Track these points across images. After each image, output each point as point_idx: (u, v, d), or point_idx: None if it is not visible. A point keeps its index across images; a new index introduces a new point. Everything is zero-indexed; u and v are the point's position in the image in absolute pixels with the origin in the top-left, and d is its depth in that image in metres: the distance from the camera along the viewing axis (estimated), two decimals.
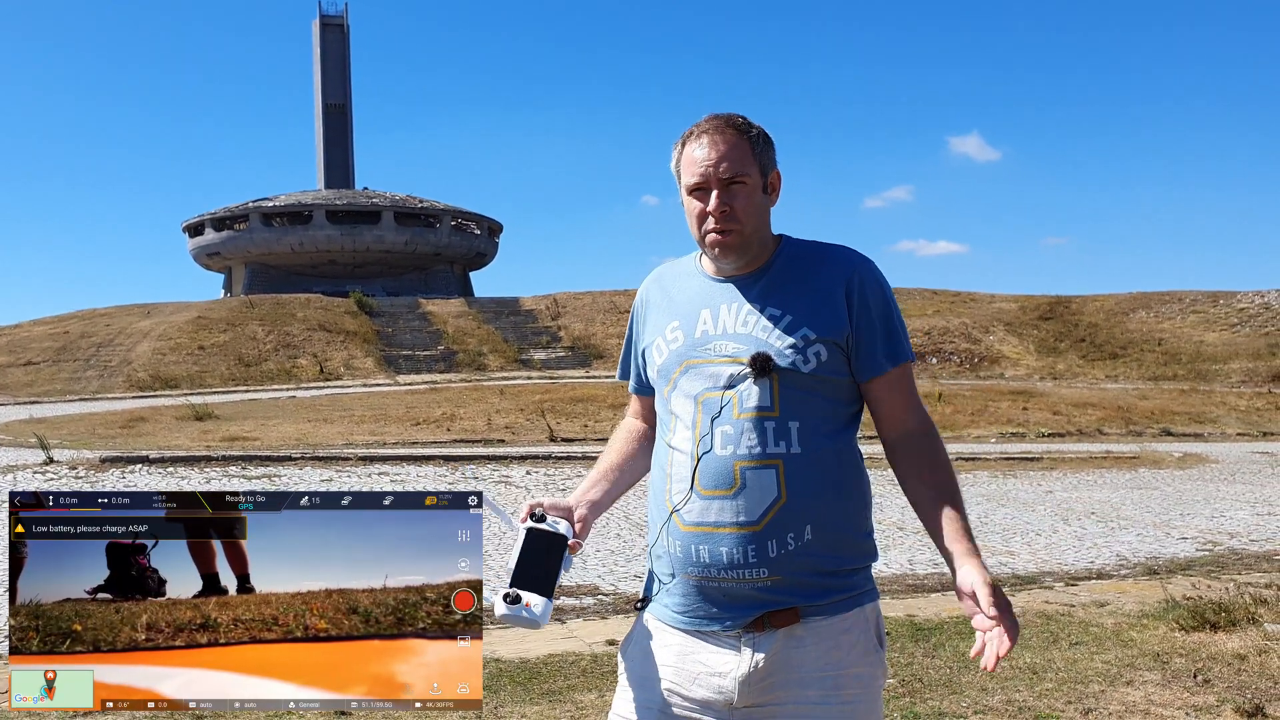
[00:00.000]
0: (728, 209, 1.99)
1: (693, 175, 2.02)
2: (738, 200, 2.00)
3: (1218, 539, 9.10)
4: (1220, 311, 39.01)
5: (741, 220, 2.00)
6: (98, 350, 37.09)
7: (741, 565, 1.93)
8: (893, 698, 4.43)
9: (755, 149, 2.03)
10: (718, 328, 2.03)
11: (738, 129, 2.03)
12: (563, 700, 4.47)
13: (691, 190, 2.03)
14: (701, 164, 2.01)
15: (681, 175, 2.06)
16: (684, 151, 2.05)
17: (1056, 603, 6.29)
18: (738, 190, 2.00)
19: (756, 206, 2.03)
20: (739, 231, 2.01)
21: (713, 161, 2.00)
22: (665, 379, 2.07)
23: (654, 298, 2.19)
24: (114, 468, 13.41)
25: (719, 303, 2.06)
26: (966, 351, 36.91)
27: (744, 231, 2.01)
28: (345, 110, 73.07)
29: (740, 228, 2.00)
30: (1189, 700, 4.35)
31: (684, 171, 2.05)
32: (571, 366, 37.02)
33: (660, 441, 2.11)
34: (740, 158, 2.01)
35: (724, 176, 1.99)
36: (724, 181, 1.99)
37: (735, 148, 2.01)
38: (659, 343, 2.11)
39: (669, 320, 2.11)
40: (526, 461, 14.65)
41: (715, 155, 2.00)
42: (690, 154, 2.03)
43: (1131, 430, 20.42)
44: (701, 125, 2.05)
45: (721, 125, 2.03)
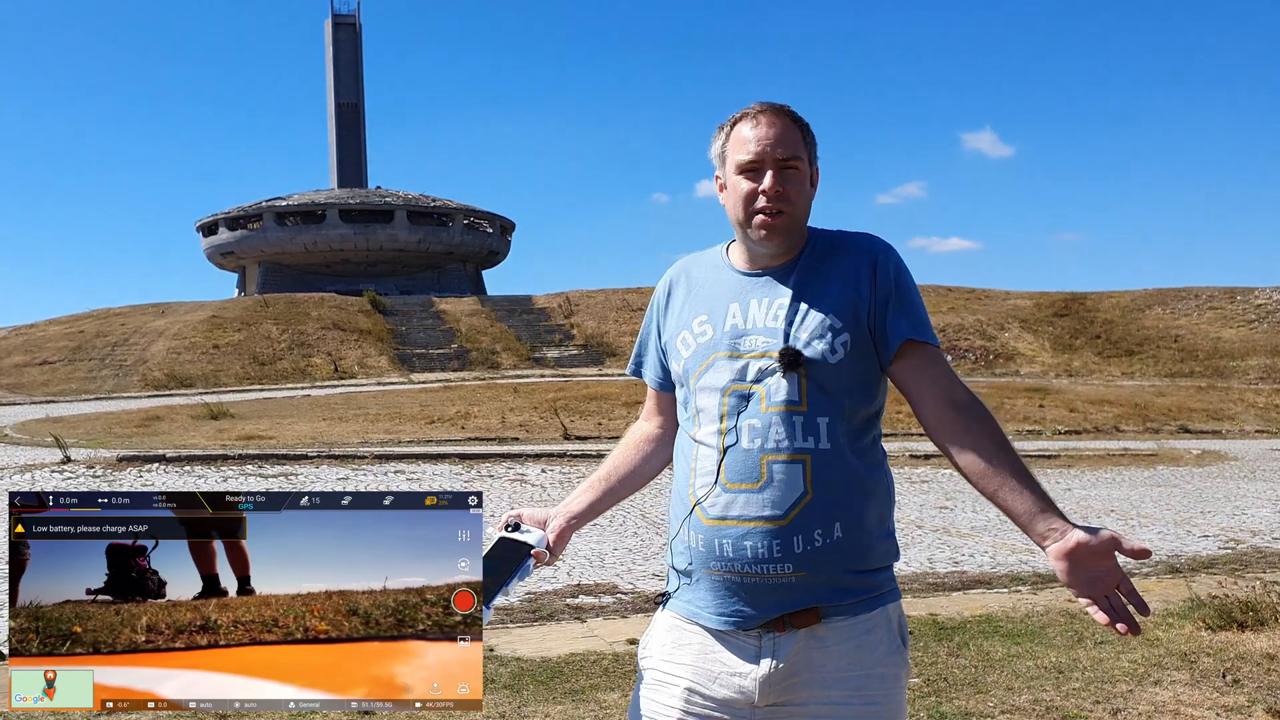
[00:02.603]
0: (781, 190, 1.96)
1: (746, 153, 1.98)
2: (790, 183, 1.97)
3: (1240, 537, 9.00)
4: (1237, 308, 38.81)
5: (793, 203, 1.98)
6: (113, 349, 37.29)
7: (766, 560, 1.89)
8: (918, 697, 4.36)
9: (805, 139, 2.02)
10: (747, 322, 1.99)
11: (791, 116, 2.01)
12: (586, 700, 4.42)
13: (744, 169, 1.99)
14: (758, 142, 1.97)
15: (730, 155, 2.02)
16: (733, 132, 2.02)
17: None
18: (791, 174, 1.98)
19: (805, 194, 2.01)
20: (790, 214, 1.98)
21: (771, 140, 1.97)
22: (691, 373, 2.03)
23: (679, 289, 2.15)
24: (131, 467, 13.44)
25: (749, 297, 2.02)
26: (981, 349, 36.80)
27: (794, 215, 1.98)
28: (358, 109, 73.28)
29: (792, 210, 1.98)
30: (1219, 700, 4.27)
31: (734, 150, 2.01)
32: (584, 364, 37.06)
33: (683, 435, 2.07)
34: (794, 142, 1.99)
35: (780, 157, 1.97)
36: (779, 162, 1.97)
37: (789, 132, 1.99)
38: (685, 336, 2.07)
39: (696, 314, 2.07)
40: (541, 460, 14.64)
41: (773, 135, 1.97)
42: (742, 133, 2.00)
43: (1149, 428, 20.31)
44: (754, 108, 2.02)
45: (776, 109, 2.01)
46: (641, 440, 2.24)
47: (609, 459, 2.23)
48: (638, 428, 2.27)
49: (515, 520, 2.03)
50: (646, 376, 2.23)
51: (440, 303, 45.90)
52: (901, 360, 1.98)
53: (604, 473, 2.20)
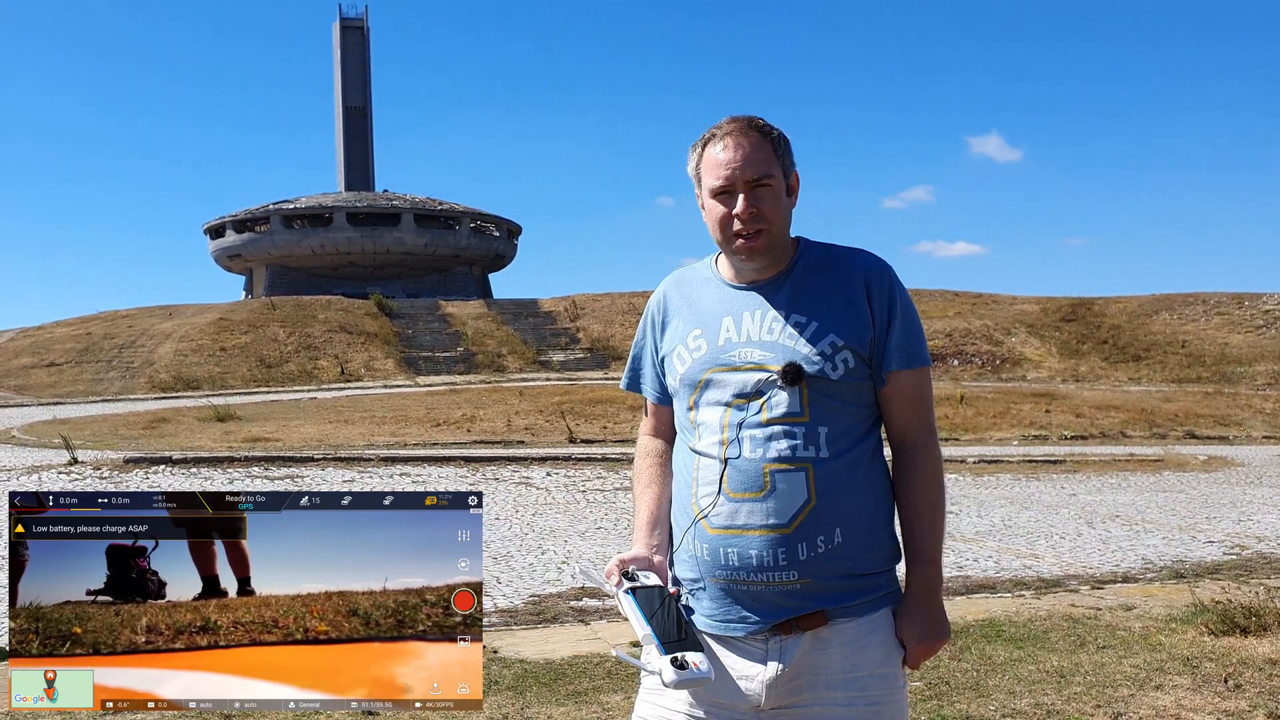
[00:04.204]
0: (755, 210, 1.97)
1: (716, 178, 1.99)
2: (764, 202, 1.98)
3: (1245, 543, 8.97)
4: (1245, 313, 38.67)
5: (770, 221, 1.99)
6: (120, 351, 37.34)
7: (771, 568, 1.92)
8: (919, 700, 4.36)
9: (777, 151, 2.02)
10: (741, 335, 2.01)
11: (760, 131, 2.01)
12: (589, 701, 4.42)
13: (716, 193, 2.00)
14: (726, 166, 1.98)
15: (703, 178, 2.03)
16: (704, 154, 2.03)
17: (1083, 606, 6.20)
18: (764, 193, 1.98)
19: (782, 208, 2.01)
20: (767, 233, 1.99)
21: (738, 163, 1.97)
22: (689, 387, 2.05)
23: (672, 305, 2.15)
24: (137, 469, 13.47)
25: (741, 310, 2.04)
26: (988, 354, 36.71)
27: (772, 233, 1.99)
28: (365, 112, 73.34)
29: (769, 228, 1.99)
30: (1220, 706, 4.26)
31: (706, 174, 2.02)
32: (590, 368, 37.03)
33: (682, 447, 2.09)
34: (765, 159, 1.99)
35: (750, 178, 1.97)
36: (750, 183, 1.97)
37: (759, 149, 1.99)
38: (680, 351, 2.08)
39: (690, 328, 2.08)
40: (546, 463, 14.64)
41: (740, 157, 1.98)
42: (713, 156, 2.00)
43: (1155, 433, 20.25)
44: (723, 127, 2.02)
45: (744, 127, 2.01)
46: (665, 458, 2.20)
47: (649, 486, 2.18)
48: (651, 445, 2.24)
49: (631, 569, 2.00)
50: (646, 391, 2.24)
51: (447, 306, 45.89)
52: (889, 384, 2.04)
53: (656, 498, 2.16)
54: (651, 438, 2.25)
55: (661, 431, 2.24)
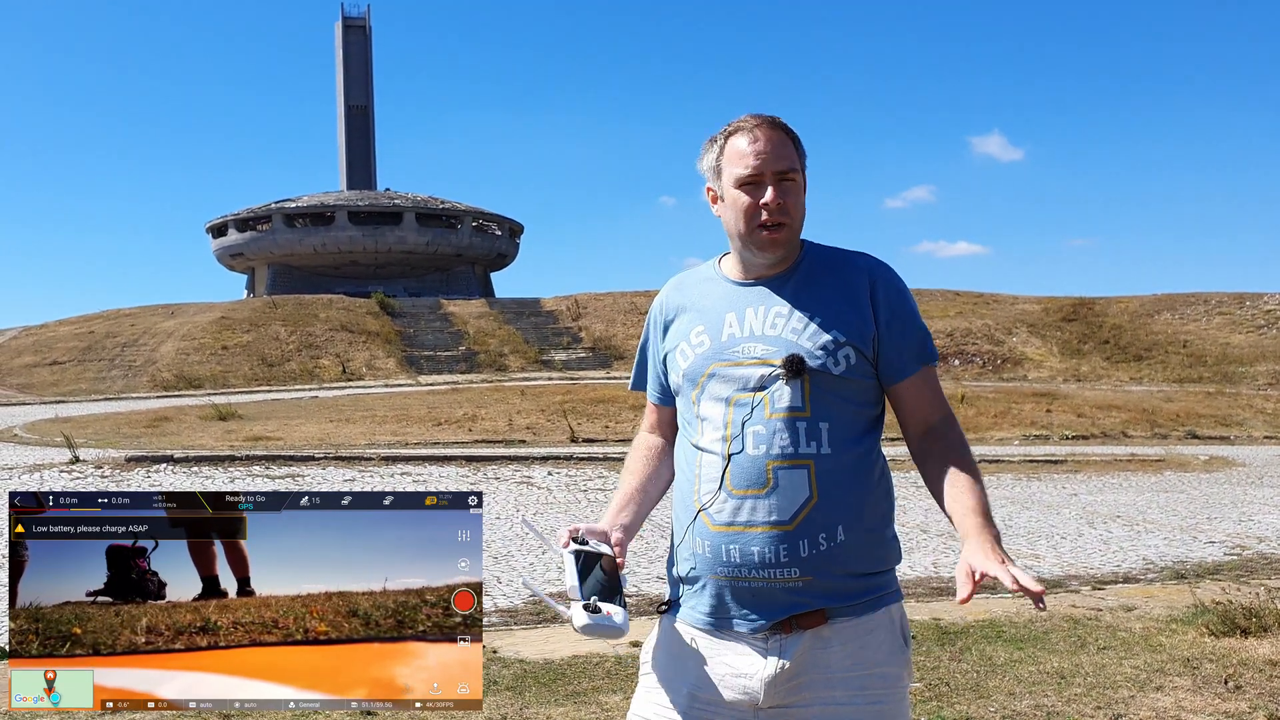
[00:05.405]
0: (781, 202, 1.99)
1: (745, 167, 2.00)
2: (789, 195, 2.01)
3: (1246, 543, 8.97)
4: (1246, 313, 38.64)
5: (792, 215, 2.01)
6: (122, 350, 37.37)
7: (773, 565, 1.92)
8: (920, 701, 4.36)
9: (798, 149, 2.05)
10: (744, 330, 2.02)
11: (784, 129, 2.04)
12: (588, 702, 4.43)
13: (743, 183, 2.01)
14: (756, 156, 1.99)
15: (726, 169, 2.04)
16: (728, 145, 2.04)
17: (1083, 607, 6.20)
18: (789, 186, 2.01)
19: (802, 205, 2.04)
20: (789, 227, 2.01)
21: (768, 154, 1.99)
22: (692, 383, 2.06)
23: (675, 304, 2.17)
24: (139, 467, 13.47)
25: (744, 306, 2.05)
26: (989, 353, 36.69)
27: (792, 228, 2.02)
28: (367, 111, 73.38)
29: (790, 223, 2.01)
30: (1220, 707, 4.26)
31: (732, 165, 2.02)
32: (592, 367, 37.02)
33: (684, 444, 2.09)
34: (790, 154, 2.02)
35: (778, 170, 2.00)
36: (778, 175, 2.00)
37: (784, 144, 2.02)
38: (683, 347, 2.09)
39: (693, 325, 2.09)
40: (548, 462, 14.63)
41: (770, 148, 2.00)
42: (738, 147, 2.02)
43: (1157, 433, 20.24)
44: (747, 120, 2.04)
45: (770, 121, 2.04)
46: (657, 451, 2.23)
47: (634, 472, 2.21)
48: (646, 439, 2.27)
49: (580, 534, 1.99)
50: (651, 393, 2.26)
51: (448, 305, 45.89)
52: (901, 383, 2.05)
53: (638, 484, 2.18)
54: (648, 434, 2.28)
55: (658, 429, 2.26)
